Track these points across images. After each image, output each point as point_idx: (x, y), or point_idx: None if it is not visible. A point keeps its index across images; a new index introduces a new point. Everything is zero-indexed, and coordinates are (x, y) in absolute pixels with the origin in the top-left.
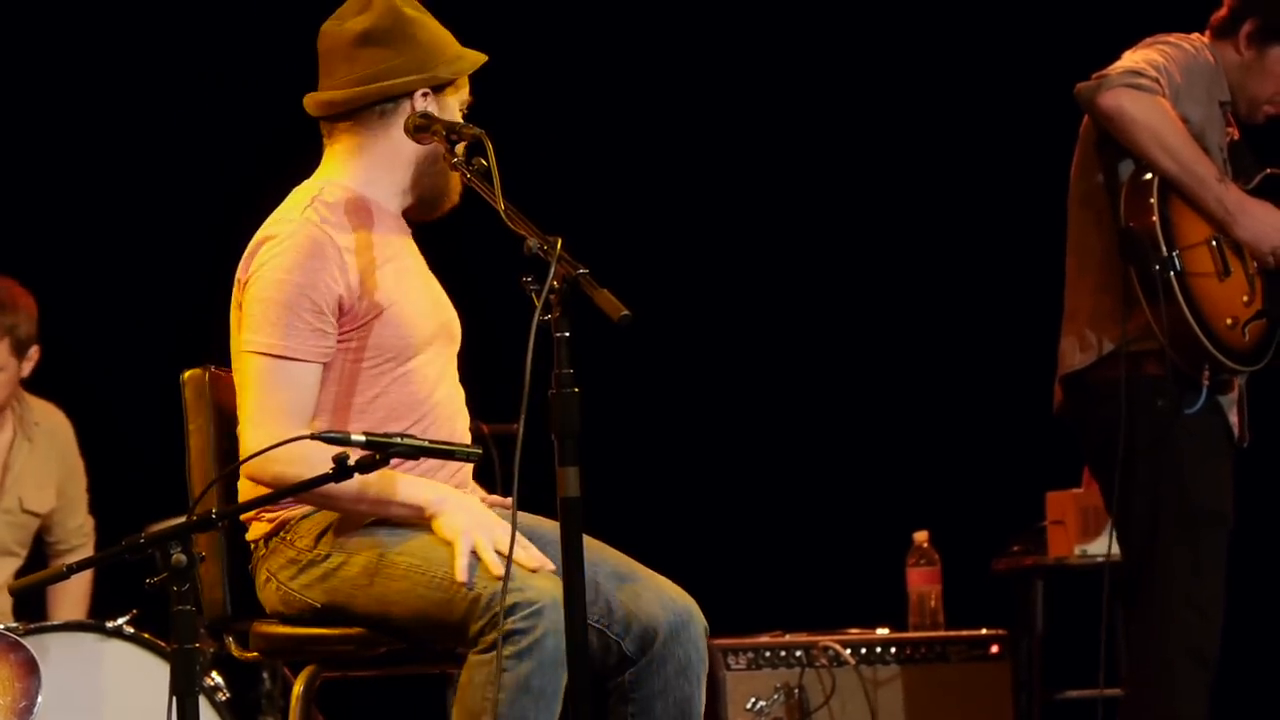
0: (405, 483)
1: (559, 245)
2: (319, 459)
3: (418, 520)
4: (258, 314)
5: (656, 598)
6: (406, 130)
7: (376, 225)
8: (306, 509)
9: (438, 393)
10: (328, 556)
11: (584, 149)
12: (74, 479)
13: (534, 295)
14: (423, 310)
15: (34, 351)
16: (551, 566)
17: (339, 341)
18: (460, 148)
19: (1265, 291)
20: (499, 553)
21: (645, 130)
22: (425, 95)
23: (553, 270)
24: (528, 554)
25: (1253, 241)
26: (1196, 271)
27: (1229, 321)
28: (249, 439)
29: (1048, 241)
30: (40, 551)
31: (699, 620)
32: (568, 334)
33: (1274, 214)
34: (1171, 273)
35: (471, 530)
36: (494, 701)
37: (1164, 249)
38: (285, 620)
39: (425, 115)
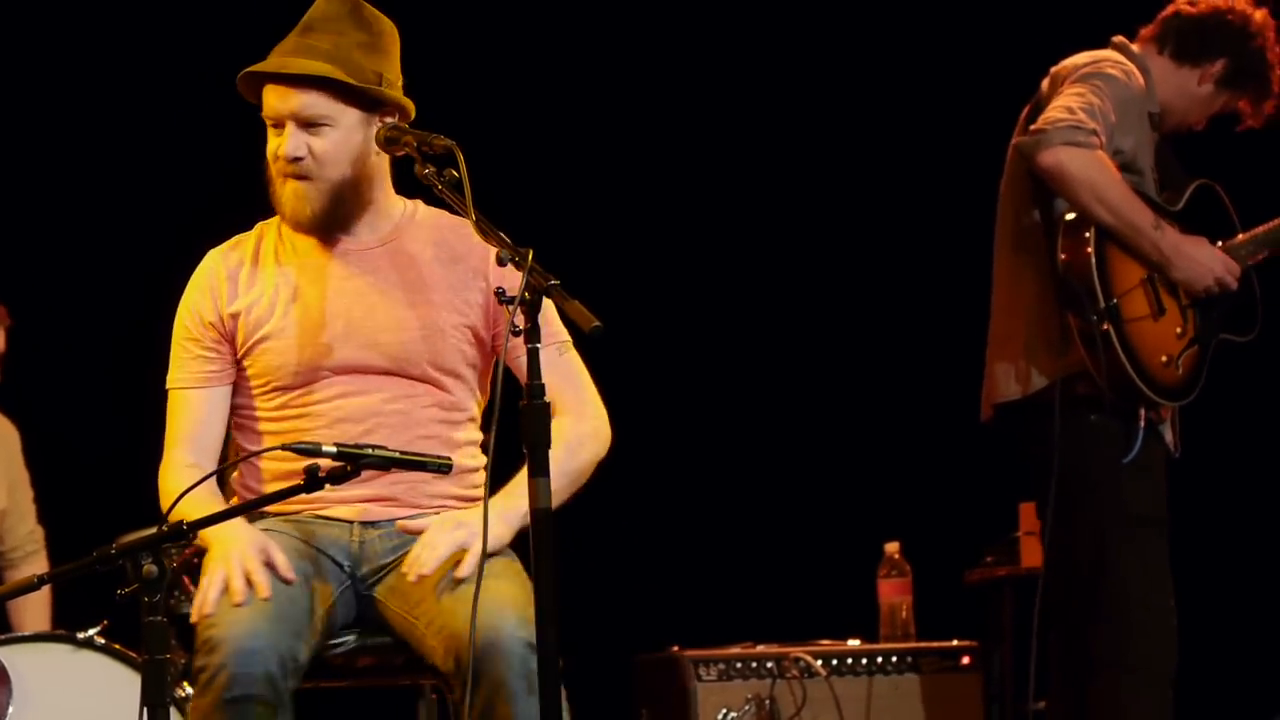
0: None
1: (530, 257)
2: (195, 497)
3: None
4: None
5: (466, 614)
6: (377, 141)
7: (291, 251)
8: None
9: (356, 425)
10: None
11: (554, 160)
12: (21, 484)
13: (505, 307)
14: (334, 334)
15: None
16: (266, 595)
17: (238, 363)
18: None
19: (1197, 319)
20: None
21: (615, 143)
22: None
23: (524, 281)
24: (259, 578)
25: (1188, 282)
26: (1134, 316)
27: (1164, 359)
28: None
29: None
30: None
31: (511, 637)
32: (539, 345)
33: (1206, 251)
34: (1109, 323)
35: (215, 563)
36: None
37: (1102, 299)
38: None
39: (395, 127)
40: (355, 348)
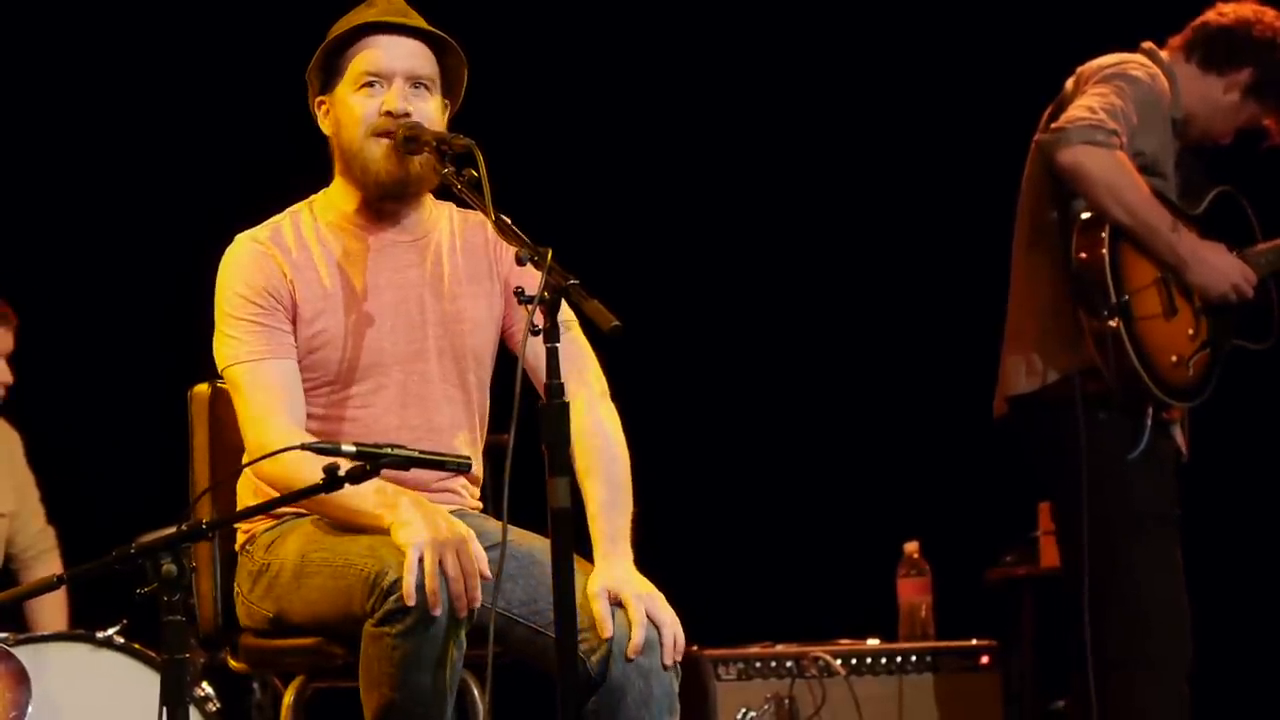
0: (376, 492)
1: (549, 256)
2: (314, 464)
3: (379, 529)
4: (219, 334)
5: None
6: (395, 141)
7: (334, 242)
8: (270, 522)
9: (397, 418)
10: (269, 565)
11: (574, 159)
12: (27, 484)
13: (524, 306)
14: (380, 331)
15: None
16: (489, 577)
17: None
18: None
19: (1210, 323)
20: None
21: (637, 141)
22: (321, 103)
23: (542, 281)
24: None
25: (1203, 287)
26: (1145, 314)
27: (1174, 359)
28: (247, 445)
29: None
30: (5, 566)
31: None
32: (558, 345)
33: (1224, 258)
34: (1120, 319)
35: (422, 545)
36: (389, 675)
37: (1113, 295)
38: (253, 633)
39: (414, 127)
40: (407, 344)
